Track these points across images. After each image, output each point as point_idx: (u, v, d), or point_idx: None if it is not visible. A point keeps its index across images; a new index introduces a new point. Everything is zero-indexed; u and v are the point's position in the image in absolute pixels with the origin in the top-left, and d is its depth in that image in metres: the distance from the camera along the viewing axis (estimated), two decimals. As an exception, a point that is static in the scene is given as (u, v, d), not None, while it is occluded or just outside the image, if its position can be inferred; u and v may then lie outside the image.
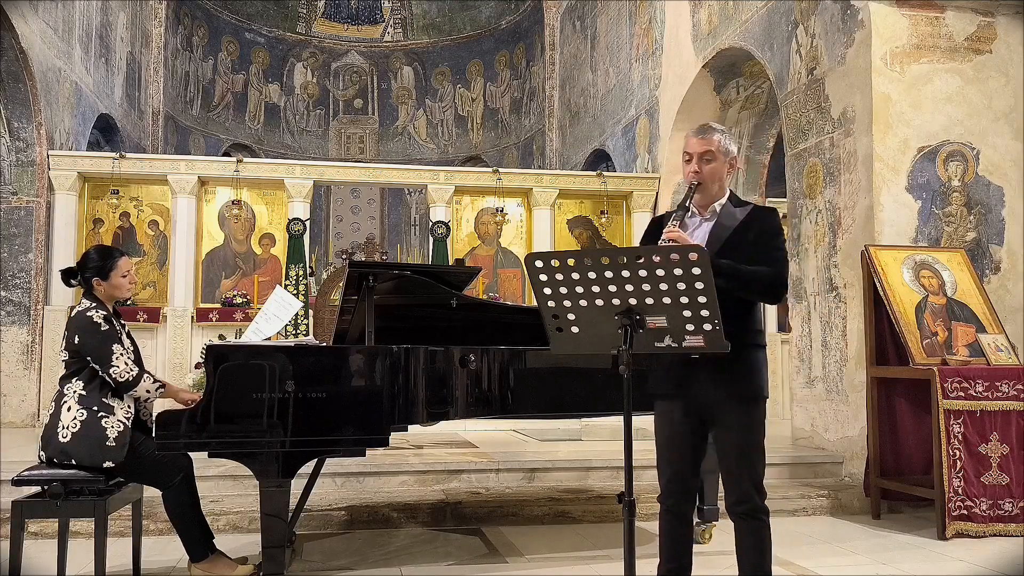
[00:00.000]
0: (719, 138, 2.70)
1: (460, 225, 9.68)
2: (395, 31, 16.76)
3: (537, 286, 2.24)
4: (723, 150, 2.70)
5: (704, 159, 2.67)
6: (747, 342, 2.60)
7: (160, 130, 12.69)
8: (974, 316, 5.04)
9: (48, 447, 3.26)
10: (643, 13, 9.78)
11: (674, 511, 2.70)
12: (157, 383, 3.40)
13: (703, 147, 2.68)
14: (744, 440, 2.60)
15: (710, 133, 2.70)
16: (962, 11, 5.62)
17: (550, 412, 4.00)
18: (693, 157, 2.69)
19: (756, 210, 2.73)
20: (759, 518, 2.60)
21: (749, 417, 2.61)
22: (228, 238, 9.24)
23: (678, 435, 2.67)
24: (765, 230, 2.67)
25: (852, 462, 5.44)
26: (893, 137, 5.46)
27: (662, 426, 2.71)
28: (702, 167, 2.67)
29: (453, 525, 4.59)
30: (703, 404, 2.62)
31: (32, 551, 3.63)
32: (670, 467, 2.68)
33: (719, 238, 2.65)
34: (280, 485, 3.14)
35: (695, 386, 2.59)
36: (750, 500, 2.59)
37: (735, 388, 2.58)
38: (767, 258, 2.62)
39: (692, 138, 2.72)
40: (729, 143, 2.73)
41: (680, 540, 2.72)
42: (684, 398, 2.62)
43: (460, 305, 3.86)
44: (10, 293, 8.23)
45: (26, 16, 7.90)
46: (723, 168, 2.71)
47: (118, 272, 3.45)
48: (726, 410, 2.59)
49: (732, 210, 2.72)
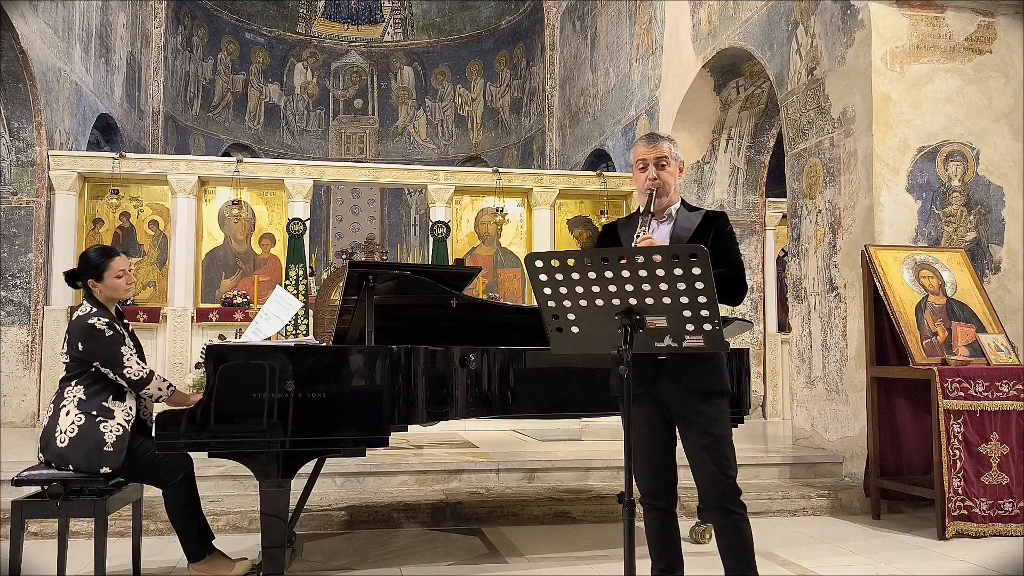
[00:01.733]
0: (668, 145, 2.82)
1: (460, 225, 9.69)
2: (395, 31, 16.76)
3: (537, 286, 2.24)
4: (674, 155, 2.83)
5: (659, 164, 2.79)
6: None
7: (160, 130, 12.69)
8: (974, 316, 5.04)
9: (46, 450, 3.26)
10: (643, 13, 9.78)
11: (657, 507, 2.72)
12: (168, 382, 3.40)
13: (656, 153, 2.79)
14: (712, 435, 2.62)
15: (660, 141, 2.83)
16: (962, 11, 5.63)
17: (550, 412, 3.99)
18: (648, 163, 2.79)
19: (709, 214, 2.86)
20: (737, 513, 2.60)
21: (715, 413, 2.65)
22: (228, 238, 9.24)
23: (648, 431, 2.70)
24: (722, 233, 2.79)
25: (852, 462, 5.44)
26: (893, 137, 5.46)
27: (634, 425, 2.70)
28: (659, 172, 2.78)
29: (453, 525, 4.59)
30: (670, 401, 2.66)
31: (32, 551, 3.63)
32: (646, 464, 2.71)
33: (679, 240, 2.75)
34: (280, 485, 3.14)
35: (659, 384, 2.64)
36: (725, 495, 2.60)
37: (697, 385, 2.63)
38: (726, 262, 2.71)
39: (642, 147, 2.83)
40: (677, 149, 2.86)
41: (667, 537, 2.73)
42: (650, 396, 2.66)
43: (460, 305, 3.86)
44: (10, 293, 8.23)
45: (26, 16, 7.90)
46: (676, 172, 2.84)
47: (112, 272, 3.41)
48: (691, 407, 2.63)
49: (687, 214, 2.86)
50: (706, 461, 2.62)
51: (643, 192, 2.79)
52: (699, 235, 2.75)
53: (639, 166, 2.82)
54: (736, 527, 2.60)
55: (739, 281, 2.74)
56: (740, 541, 2.61)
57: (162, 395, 3.36)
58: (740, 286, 2.74)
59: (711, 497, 2.64)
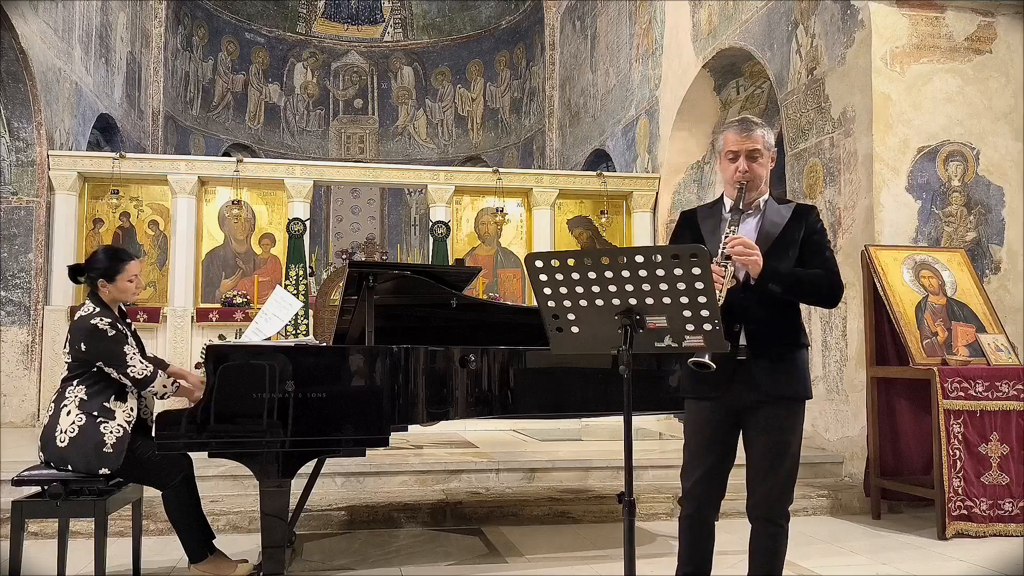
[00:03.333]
0: (763, 133, 2.59)
1: (460, 225, 9.68)
2: (395, 31, 16.75)
3: (537, 286, 2.24)
4: (767, 146, 2.60)
5: (751, 156, 2.56)
6: (791, 341, 2.57)
7: (160, 130, 12.68)
8: (974, 316, 5.04)
9: (46, 450, 3.26)
10: (643, 13, 9.78)
11: (696, 517, 2.61)
12: (172, 379, 3.39)
13: (750, 144, 2.56)
14: (783, 441, 2.53)
15: (754, 129, 2.58)
16: (962, 11, 5.62)
17: (550, 412, 3.99)
18: (740, 154, 2.57)
19: (800, 208, 2.67)
20: (780, 524, 2.53)
21: (791, 418, 2.54)
22: (228, 238, 9.24)
23: (713, 438, 2.58)
24: (813, 230, 2.61)
25: (852, 462, 5.44)
26: (893, 137, 5.46)
27: (698, 427, 2.62)
28: (750, 165, 2.57)
29: (453, 525, 4.59)
30: (744, 404, 2.54)
31: (32, 551, 3.63)
32: (700, 470, 2.58)
33: (768, 236, 2.58)
34: (280, 485, 3.14)
35: (737, 386, 2.51)
36: (776, 505, 2.52)
37: (779, 388, 2.51)
38: (820, 260, 2.57)
39: (734, 135, 2.58)
40: (771, 137, 2.63)
41: (702, 547, 2.63)
42: (722, 399, 2.53)
43: (460, 305, 3.86)
44: (10, 293, 8.23)
45: (26, 16, 7.90)
46: (768, 164, 2.62)
47: (125, 276, 3.42)
48: (767, 410, 2.52)
49: (777, 207, 2.65)
50: (770, 470, 2.52)
51: (732, 185, 2.59)
52: (789, 231, 2.58)
53: (728, 156, 2.59)
54: (774, 539, 2.54)
55: (835, 283, 2.56)
56: (775, 550, 2.54)
57: (167, 392, 3.36)
58: (837, 288, 2.57)
59: (762, 505, 2.54)
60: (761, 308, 2.50)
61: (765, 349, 2.50)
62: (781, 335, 2.53)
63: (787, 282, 2.49)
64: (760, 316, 2.49)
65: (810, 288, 2.55)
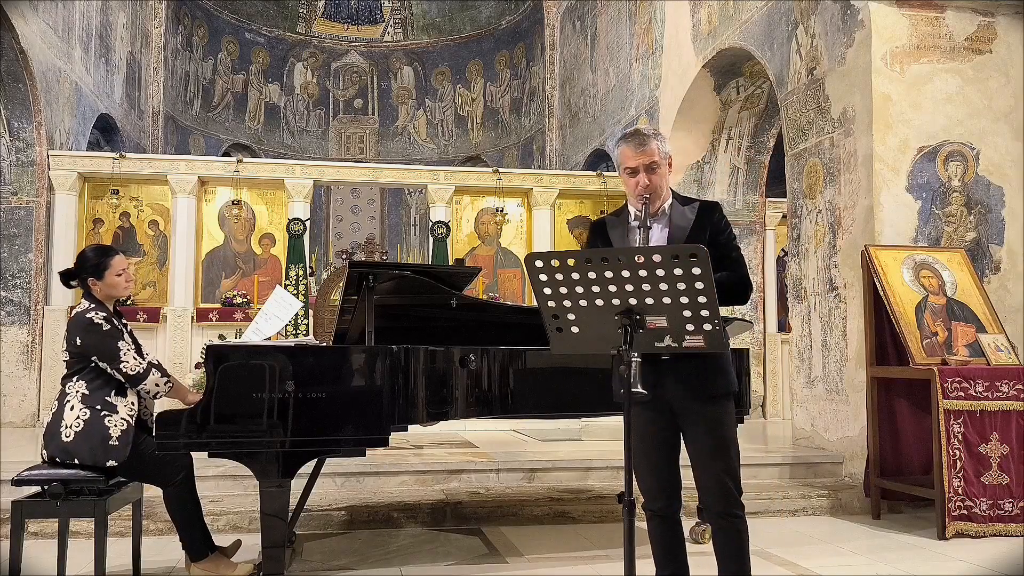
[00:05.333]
0: (657, 145, 2.64)
1: (460, 225, 9.69)
2: (395, 31, 16.76)
3: (537, 286, 2.24)
4: (663, 155, 2.66)
5: (650, 169, 2.62)
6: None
7: (160, 130, 12.69)
8: (974, 316, 5.04)
9: (50, 445, 3.26)
10: (643, 13, 9.78)
11: (661, 514, 2.66)
12: (166, 378, 3.40)
13: (646, 159, 2.62)
14: (717, 436, 2.57)
15: (647, 142, 2.64)
16: (962, 11, 5.62)
17: (550, 412, 4.00)
18: (638, 169, 2.62)
19: (704, 206, 2.73)
20: (736, 515, 2.57)
21: (720, 414, 2.59)
22: (228, 238, 9.24)
23: (653, 437, 2.63)
24: (718, 229, 2.67)
25: (852, 462, 5.44)
26: (893, 137, 5.46)
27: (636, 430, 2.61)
28: (650, 178, 2.62)
29: (453, 525, 4.59)
30: (674, 403, 2.59)
31: (32, 551, 3.63)
32: (651, 471, 2.64)
33: (677, 240, 2.63)
34: (280, 485, 3.14)
35: (664, 387, 2.55)
36: (727, 498, 2.56)
37: (703, 386, 2.56)
38: (727, 260, 2.63)
39: (630, 150, 2.64)
40: (665, 145, 2.68)
41: (673, 543, 2.67)
42: (654, 399, 2.56)
43: (460, 305, 3.86)
44: (10, 293, 8.23)
45: (26, 16, 7.90)
46: (667, 172, 2.68)
47: (112, 271, 3.43)
48: (696, 409, 2.57)
49: (681, 209, 2.71)
50: (711, 465, 2.57)
51: (636, 199, 2.66)
52: (697, 232, 2.64)
53: (626, 172, 2.66)
54: (735, 530, 2.57)
55: (743, 281, 2.64)
56: (738, 543, 2.57)
57: (160, 391, 3.36)
58: (745, 286, 2.64)
59: (714, 500, 2.59)
60: None
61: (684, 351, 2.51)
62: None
63: None
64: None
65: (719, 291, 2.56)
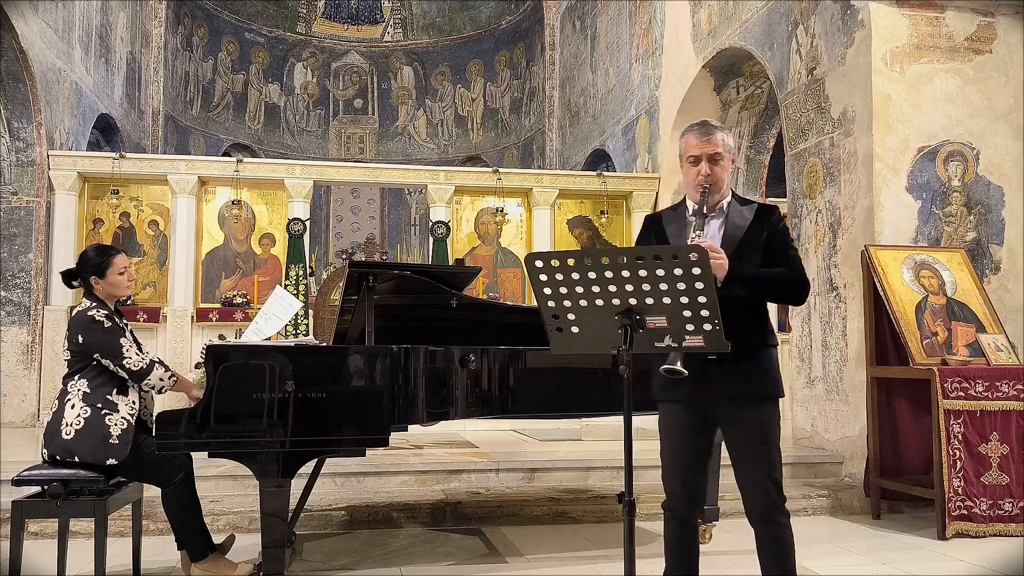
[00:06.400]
0: (723, 136, 2.62)
1: (460, 225, 9.68)
2: (395, 31, 16.75)
3: (537, 286, 2.23)
4: (728, 148, 2.63)
5: (713, 159, 2.59)
6: (760, 341, 2.57)
7: (160, 130, 12.69)
8: (974, 316, 5.04)
9: (51, 444, 3.26)
10: (643, 13, 9.78)
11: (681, 517, 2.64)
12: (170, 372, 3.40)
13: (711, 148, 2.59)
14: (762, 440, 2.54)
15: (713, 132, 2.61)
16: (962, 11, 5.63)
17: (550, 412, 3.99)
18: (701, 158, 2.59)
19: (762, 208, 2.69)
20: (779, 522, 2.53)
21: (766, 417, 2.55)
22: (228, 238, 9.24)
23: (687, 439, 2.60)
24: (776, 231, 2.63)
25: (852, 462, 5.44)
26: (893, 137, 5.46)
27: (670, 430, 2.64)
28: (712, 168, 2.59)
29: (453, 525, 4.59)
30: (715, 406, 2.55)
31: (32, 551, 3.63)
32: (678, 473, 2.61)
33: (733, 238, 2.60)
34: (280, 485, 3.14)
35: (708, 388, 2.52)
36: (770, 503, 2.52)
37: (751, 388, 2.52)
38: (784, 260, 2.60)
39: (695, 139, 2.61)
40: (731, 140, 2.66)
41: (687, 547, 2.65)
42: (694, 401, 2.55)
43: (460, 305, 3.86)
44: (10, 293, 8.23)
45: (26, 16, 7.90)
46: (729, 166, 2.65)
47: (114, 269, 3.44)
48: (742, 411, 2.53)
49: (739, 208, 2.67)
50: (753, 469, 2.52)
51: (694, 189, 2.61)
52: (753, 233, 2.60)
53: (689, 160, 2.61)
54: (776, 536, 2.53)
55: (799, 280, 2.59)
56: (780, 550, 2.53)
57: (164, 386, 3.36)
58: (801, 284, 2.59)
59: (756, 506, 2.54)
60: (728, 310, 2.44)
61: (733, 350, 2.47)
62: (749, 336, 2.52)
63: (752, 284, 2.51)
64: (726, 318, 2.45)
65: (775, 287, 2.58)
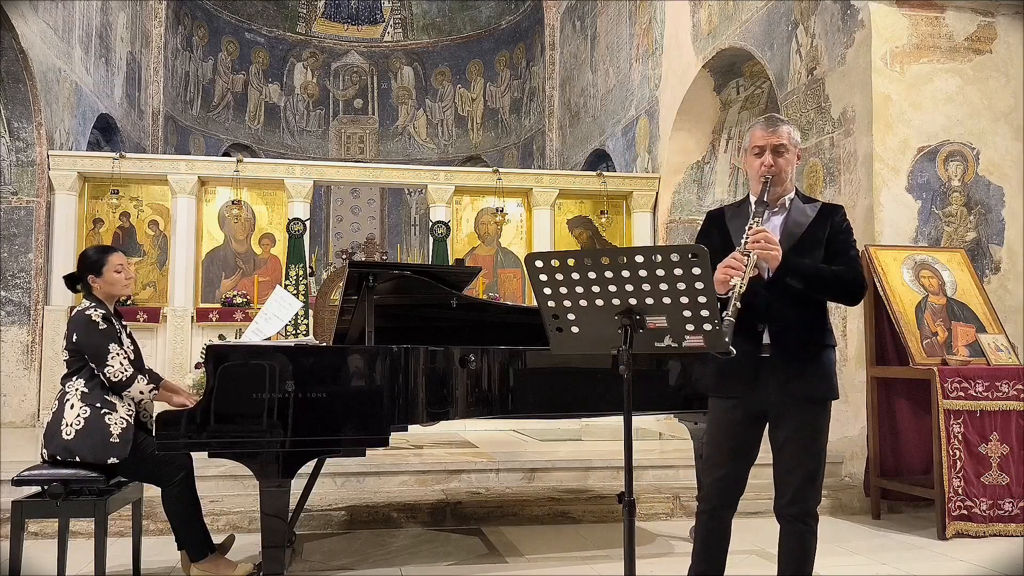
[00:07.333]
0: (788, 130, 2.63)
1: (460, 225, 9.68)
2: (395, 31, 16.75)
3: (537, 286, 2.24)
4: (793, 142, 2.63)
5: (777, 151, 2.60)
6: (820, 341, 2.58)
7: (160, 130, 12.68)
8: (974, 316, 5.04)
9: (51, 444, 3.26)
10: (643, 13, 9.78)
11: (715, 515, 2.62)
12: (151, 385, 3.39)
13: (776, 140, 2.60)
14: (811, 441, 2.53)
15: (779, 125, 2.62)
16: (962, 11, 5.63)
17: (550, 412, 3.99)
18: (765, 149, 2.60)
19: (825, 207, 2.69)
20: (808, 523, 2.53)
21: (818, 419, 2.55)
22: (228, 238, 9.23)
23: (736, 436, 2.59)
24: (839, 230, 2.62)
25: (852, 462, 5.44)
26: (893, 137, 5.46)
27: (721, 426, 2.62)
28: (776, 160, 2.59)
29: (453, 525, 4.59)
30: (770, 404, 2.55)
31: (32, 551, 3.63)
32: (722, 468, 2.60)
33: (793, 235, 2.60)
34: (280, 485, 3.14)
35: (764, 386, 2.52)
36: (805, 503, 2.52)
37: (808, 388, 2.52)
38: (844, 259, 2.58)
39: (760, 131, 2.63)
40: (796, 135, 2.66)
41: (716, 542, 2.64)
42: (748, 398, 2.54)
43: (460, 305, 3.86)
44: (10, 293, 8.23)
45: (26, 16, 7.90)
46: (793, 160, 2.65)
47: (110, 267, 3.44)
48: (795, 411, 2.53)
49: (802, 206, 2.67)
50: (796, 468, 2.52)
51: (757, 180, 2.61)
52: (814, 231, 2.60)
53: (753, 151, 2.63)
54: (802, 536, 2.54)
55: (856, 280, 2.57)
56: (803, 551, 2.54)
57: (144, 399, 3.38)
58: (859, 285, 2.57)
59: (792, 505, 2.54)
60: (785, 307, 2.49)
61: (790, 349, 2.50)
62: (806, 335, 2.53)
63: (808, 277, 2.49)
64: (784, 315, 2.49)
65: (831, 283, 2.55)
